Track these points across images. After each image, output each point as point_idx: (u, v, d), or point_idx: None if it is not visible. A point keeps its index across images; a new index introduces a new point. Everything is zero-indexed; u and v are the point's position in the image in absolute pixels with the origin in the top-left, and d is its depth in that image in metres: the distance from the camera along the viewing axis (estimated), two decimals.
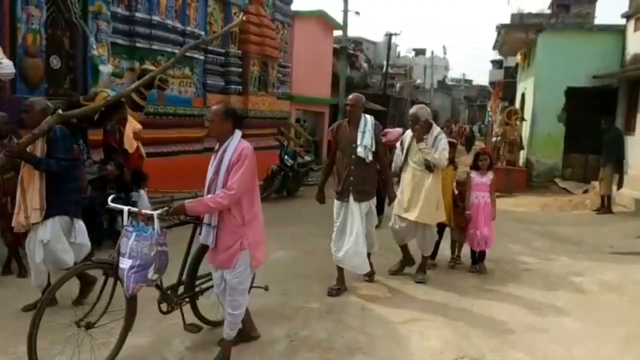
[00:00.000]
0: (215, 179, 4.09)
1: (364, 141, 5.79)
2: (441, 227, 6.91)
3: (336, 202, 6.00)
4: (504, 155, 16.90)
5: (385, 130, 8.63)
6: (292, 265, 7.04)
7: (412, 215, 6.35)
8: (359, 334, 4.86)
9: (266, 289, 5.15)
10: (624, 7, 16.07)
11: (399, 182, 6.64)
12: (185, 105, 12.44)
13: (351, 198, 5.83)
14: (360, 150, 5.78)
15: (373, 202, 6.02)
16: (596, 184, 13.23)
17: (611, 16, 21.85)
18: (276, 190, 12.91)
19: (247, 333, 4.55)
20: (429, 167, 6.27)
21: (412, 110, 6.56)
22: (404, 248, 6.82)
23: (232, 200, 3.95)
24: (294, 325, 5.01)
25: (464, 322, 5.22)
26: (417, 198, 6.33)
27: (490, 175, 7.00)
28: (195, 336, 4.59)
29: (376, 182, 6.09)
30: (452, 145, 6.73)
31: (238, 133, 4.13)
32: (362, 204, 5.86)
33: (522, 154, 17.79)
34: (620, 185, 12.26)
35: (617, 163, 12.08)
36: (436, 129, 6.46)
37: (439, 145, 6.32)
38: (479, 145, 27.47)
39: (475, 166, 7.07)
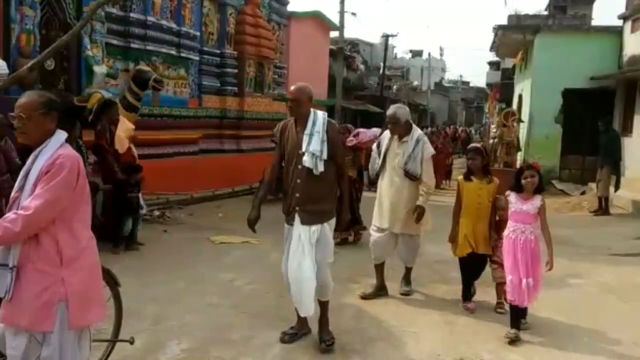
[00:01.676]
0: (18, 199, 2.81)
1: (311, 146, 4.37)
2: (481, 260, 5.57)
3: (285, 226, 4.65)
4: (501, 157, 16.84)
5: (357, 130, 8.16)
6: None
7: (394, 227, 5.75)
8: (355, 336, 4.81)
9: (131, 342, 3.87)
10: (621, 9, 16.08)
11: (375, 190, 6.15)
12: (181, 107, 12.37)
13: (297, 220, 4.46)
14: (306, 159, 4.38)
15: (329, 226, 4.56)
16: (594, 185, 13.20)
17: (608, 17, 21.86)
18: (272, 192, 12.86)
19: None
20: (409, 175, 5.68)
21: (390, 110, 5.85)
22: (380, 270, 5.97)
23: (29, 225, 2.65)
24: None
25: (460, 325, 5.19)
26: (398, 207, 5.73)
27: (537, 201, 4.85)
28: (192, 338, 4.54)
29: (334, 199, 4.69)
30: (477, 153, 5.51)
31: (60, 135, 2.90)
32: (312, 227, 4.41)
33: (520, 156, 17.76)
34: (617, 187, 12.24)
35: (615, 165, 12.07)
36: (417, 131, 5.83)
37: (422, 153, 5.68)
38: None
39: (517, 186, 4.92)
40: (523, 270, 4.83)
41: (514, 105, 21.07)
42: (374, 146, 6.17)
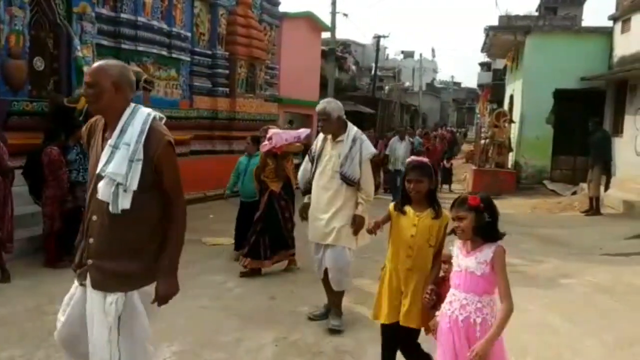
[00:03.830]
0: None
1: (110, 167, 2.64)
2: (409, 334, 3.61)
3: (74, 283, 2.90)
4: (492, 157, 16.92)
5: (271, 131, 6.71)
6: (280, 268, 6.95)
7: (326, 239, 4.92)
8: (347, 338, 4.79)
9: None
10: (611, 10, 16.17)
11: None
12: (172, 108, 12.31)
13: (88, 281, 2.74)
14: (100, 187, 2.67)
15: (141, 296, 2.77)
16: (585, 185, 13.25)
17: (598, 18, 21.99)
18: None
19: None
20: (345, 179, 4.86)
21: (320, 105, 5.02)
22: (328, 285, 5.09)
23: None
24: (283, 329, 4.92)
25: None
26: (333, 216, 4.90)
27: (487, 253, 2.98)
28: (183, 340, 4.52)
29: (147, 250, 2.80)
30: (424, 172, 3.55)
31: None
32: (108, 297, 2.69)
33: (511, 156, 17.82)
34: (607, 187, 12.29)
35: (605, 165, 12.11)
36: (353, 129, 5.03)
37: (361, 154, 4.88)
38: (467, 149, 27.36)
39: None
40: None
41: (505, 106, 21.14)
42: (313, 149, 5.25)
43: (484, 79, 43.92)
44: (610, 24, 16.18)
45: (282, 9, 18.45)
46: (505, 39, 18.82)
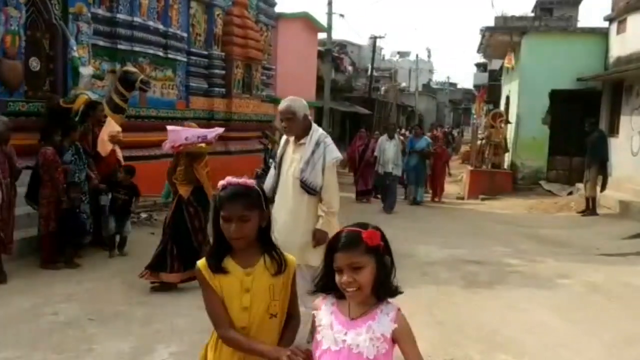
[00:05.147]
0: None
1: None
2: None
3: None
4: (489, 158, 16.92)
5: (170, 128, 6.02)
6: None
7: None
8: None
9: None
10: (607, 10, 16.20)
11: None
12: (168, 108, 12.30)
13: None
14: None
15: None
16: (581, 186, 13.27)
17: (594, 19, 22.05)
18: None
19: None
20: (306, 187, 4.33)
21: (283, 103, 4.46)
22: None
23: None
24: None
25: (451, 325, 5.17)
26: (294, 229, 4.31)
27: (386, 322, 1.97)
28: (180, 342, 4.50)
29: None
30: (248, 206, 2.22)
31: None
32: None
33: (507, 157, 17.83)
34: (604, 187, 12.30)
35: (601, 165, 12.13)
36: (317, 131, 4.46)
37: (324, 159, 4.33)
38: (463, 150, 27.35)
39: (328, 281, 2.06)
40: None
41: (502, 107, 21.14)
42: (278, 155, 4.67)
43: (480, 79, 43.88)
44: (606, 24, 16.20)
45: (278, 9, 18.48)
46: (502, 40, 18.83)
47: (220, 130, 6.34)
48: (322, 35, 24.71)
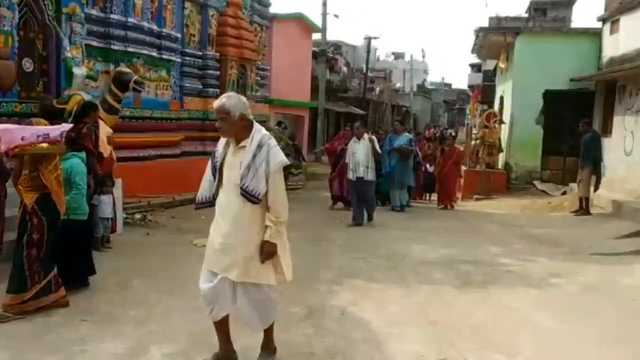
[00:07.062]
0: None
1: None
2: None
3: None
4: (483, 158, 16.99)
5: (2, 127, 5.09)
6: None
7: (229, 272, 3.87)
8: (338, 338, 4.78)
9: None
10: (600, 11, 16.27)
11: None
12: (162, 109, 12.28)
13: None
14: None
15: None
16: (574, 186, 13.32)
17: (587, 20, 22.11)
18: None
19: None
20: (247, 195, 3.83)
21: (218, 101, 4.00)
22: (221, 329, 4.10)
23: None
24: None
25: (444, 325, 5.18)
26: (235, 242, 3.88)
27: None
28: (174, 342, 4.49)
29: None
30: None
31: None
32: None
33: (501, 157, 17.90)
34: (597, 187, 12.35)
35: (595, 165, 12.17)
36: (260, 132, 4.01)
37: (268, 163, 3.87)
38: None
39: None
40: None
41: (496, 107, 21.23)
42: (210, 162, 4.28)
43: (475, 80, 43.98)
44: (599, 25, 16.27)
45: (272, 10, 18.46)
46: (496, 40, 18.90)
47: (67, 126, 5.36)
48: (316, 36, 24.74)
